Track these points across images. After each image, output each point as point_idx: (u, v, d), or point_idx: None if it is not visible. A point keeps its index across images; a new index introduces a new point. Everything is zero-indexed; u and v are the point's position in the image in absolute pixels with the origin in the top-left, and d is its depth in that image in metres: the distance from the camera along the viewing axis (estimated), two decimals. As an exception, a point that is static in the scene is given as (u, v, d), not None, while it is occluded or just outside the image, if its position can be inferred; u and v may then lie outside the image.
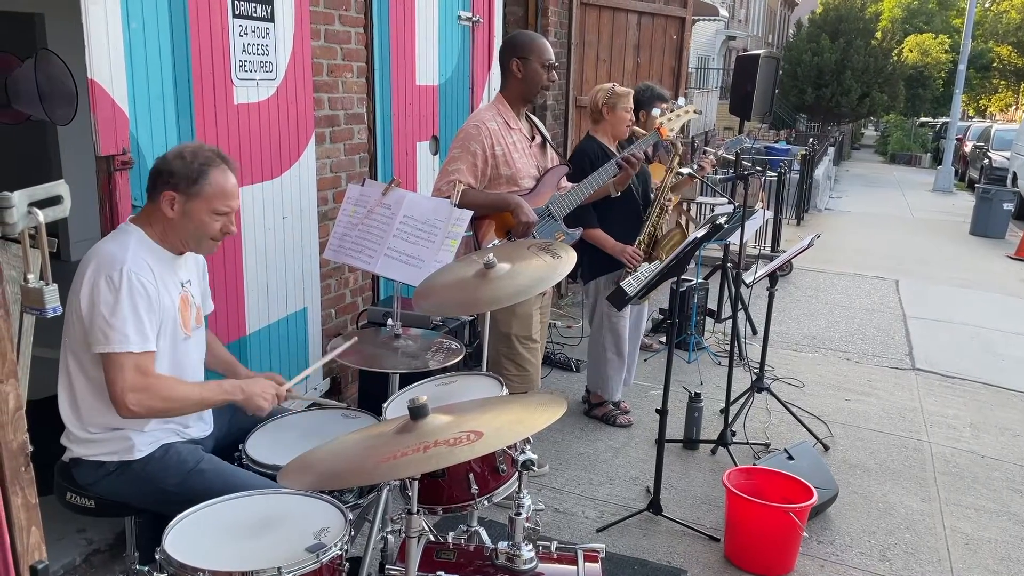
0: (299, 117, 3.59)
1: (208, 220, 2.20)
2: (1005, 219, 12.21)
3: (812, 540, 3.41)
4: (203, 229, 2.21)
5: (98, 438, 2.18)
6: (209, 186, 2.17)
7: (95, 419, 2.18)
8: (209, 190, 2.17)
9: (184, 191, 2.16)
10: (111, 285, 2.05)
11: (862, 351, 6.09)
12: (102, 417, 2.17)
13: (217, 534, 1.82)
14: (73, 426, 2.19)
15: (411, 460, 1.56)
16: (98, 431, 2.18)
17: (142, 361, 2.08)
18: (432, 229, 2.92)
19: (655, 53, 7.19)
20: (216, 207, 2.19)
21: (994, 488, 4.02)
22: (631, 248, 4.05)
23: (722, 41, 32.07)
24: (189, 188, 2.16)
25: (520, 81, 3.44)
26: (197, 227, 2.20)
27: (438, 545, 2.07)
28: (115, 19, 2.58)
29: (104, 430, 2.18)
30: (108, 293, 2.05)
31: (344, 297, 4.21)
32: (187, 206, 2.17)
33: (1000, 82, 41.87)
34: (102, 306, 2.04)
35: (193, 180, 2.15)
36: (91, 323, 2.06)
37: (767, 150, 15.45)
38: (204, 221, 2.19)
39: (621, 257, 4.05)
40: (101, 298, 2.05)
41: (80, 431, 2.18)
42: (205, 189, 2.17)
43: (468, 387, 2.64)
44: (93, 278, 2.07)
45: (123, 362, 2.05)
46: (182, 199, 2.16)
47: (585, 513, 3.57)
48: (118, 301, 2.05)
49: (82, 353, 2.13)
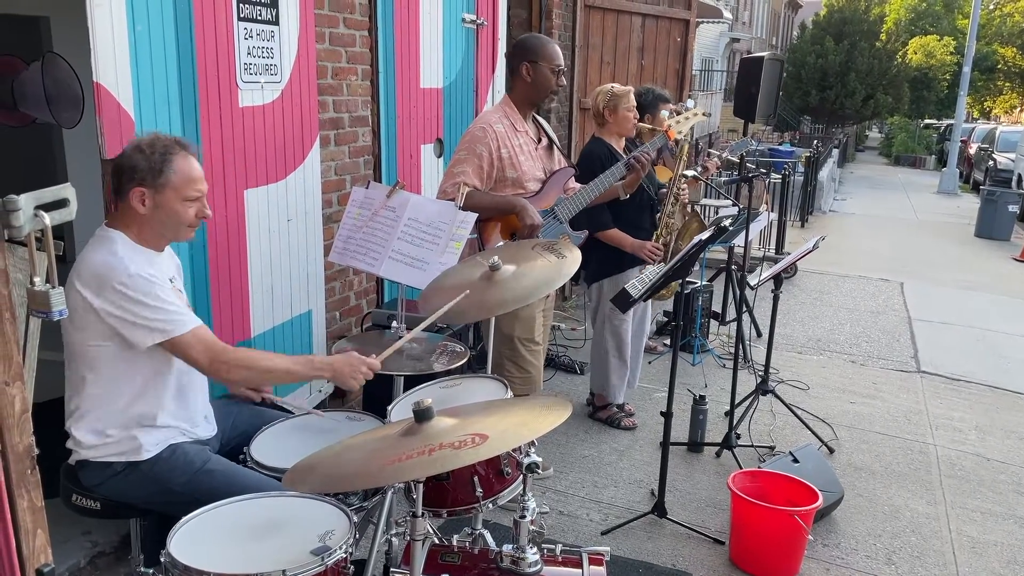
0: (304, 120, 3.59)
1: (181, 208, 2.18)
2: (1010, 221, 12.18)
3: (817, 543, 3.40)
4: (178, 218, 2.19)
5: (106, 440, 2.19)
6: (175, 174, 2.14)
7: (104, 423, 2.17)
8: (175, 178, 2.15)
9: (151, 184, 2.13)
10: (125, 292, 2.05)
11: (867, 353, 6.08)
12: (111, 421, 2.17)
13: (222, 537, 1.82)
14: (79, 432, 2.18)
15: (416, 463, 1.56)
16: (106, 434, 2.18)
17: (201, 334, 2.14)
18: (437, 232, 2.92)
19: (659, 55, 7.19)
20: (186, 193, 2.17)
21: (1000, 491, 4.01)
22: (650, 244, 4.05)
23: (726, 43, 32.06)
24: (155, 180, 2.13)
25: (529, 85, 3.44)
26: (171, 217, 2.18)
27: (443, 548, 2.07)
28: (120, 22, 2.59)
29: (113, 432, 2.18)
30: (125, 301, 2.05)
31: (348, 300, 4.21)
32: (157, 199, 2.15)
33: (1005, 84, 41.76)
34: (132, 309, 2.05)
35: (158, 171, 2.13)
36: (125, 330, 2.08)
37: (771, 152, 15.45)
38: (177, 210, 2.18)
39: (640, 253, 4.05)
40: (124, 307, 2.05)
41: (87, 436, 2.18)
42: (171, 178, 2.14)
43: (472, 390, 2.64)
44: (100, 292, 2.05)
45: (188, 341, 2.12)
46: (151, 192, 2.14)
47: (590, 516, 3.56)
48: (141, 299, 2.06)
49: (88, 358, 2.13)
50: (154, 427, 2.22)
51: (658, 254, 4.04)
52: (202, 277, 3.10)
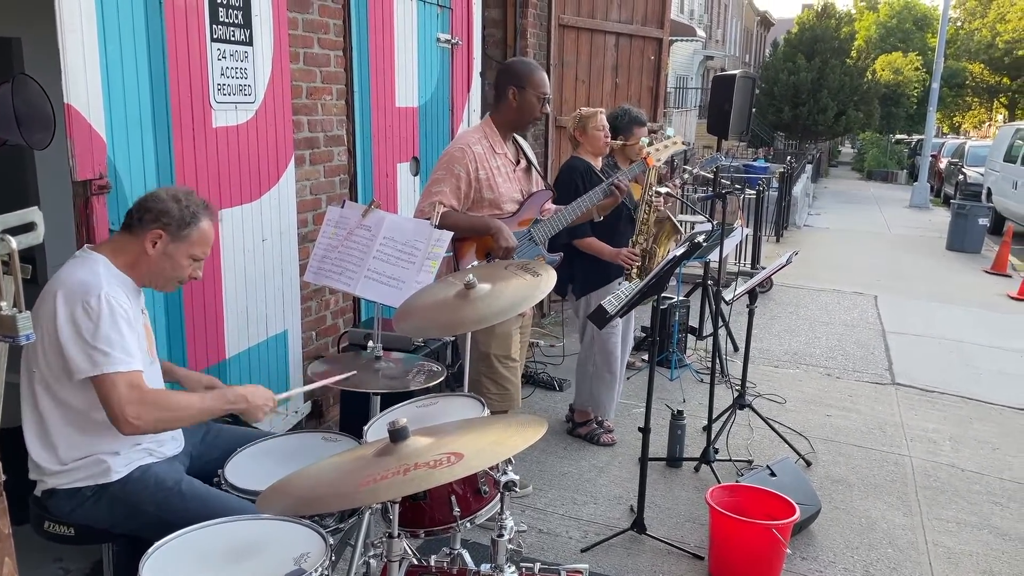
0: (278, 140, 3.59)
1: (184, 264, 2.27)
2: (981, 234, 12.36)
3: (795, 556, 3.41)
4: (177, 271, 2.28)
5: (72, 467, 2.16)
6: (196, 232, 2.25)
7: (69, 450, 2.15)
8: (195, 236, 2.25)
9: (173, 233, 2.22)
10: (89, 312, 2.04)
11: (842, 366, 6.14)
12: (77, 447, 2.15)
13: (195, 561, 1.79)
14: (43, 460, 2.16)
15: (391, 483, 1.56)
16: (72, 461, 2.16)
17: (133, 378, 2.09)
18: (412, 250, 2.92)
19: (633, 73, 7.26)
20: (195, 252, 2.28)
21: (974, 501, 4.05)
22: (626, 250, 4.10)
23: (700, 61, 32.43)
24: (179, 231, 2.22)
25: (514, 110, 3.46)
26: (172, 268, 2.26)
27: (420, 568, 2.06)
28: (92, 44, 2.58)
29: (78, 458, 2.16)
30: (87, 320, 2.04)
31: (325, 319, 4.19)
32: (170, 248, 2.23)
33: (973, 99, 42.59)
34: (84, 333, 2.04)
35: (185, 224, 2.23)
36: (72, 352, 2.04)
37: (746, 168, 15.60)
38: (181, 264, 2.27)
39: (617, 260, 4.10)
40: (81, 326, 2.04)
41: (52, 463, 2.16)
42: (192, 235, 2.25)
43: (449, 408, 2.63)
44: (68, 308, 2.06)
45: (115, 381, 2.05)
46: (168, 240, 2.22)
47: (569, 533, 3.56)
48: (99, 326, 2.04)
49: (56, 383, 2.11)
50: (120, 449, 2.19)
51: (635, 259, 4.07)
52: (175, 298, 3.08)
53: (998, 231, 13.36)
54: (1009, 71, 37.14)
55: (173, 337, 3.08)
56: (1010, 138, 14.68)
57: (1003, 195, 14.26)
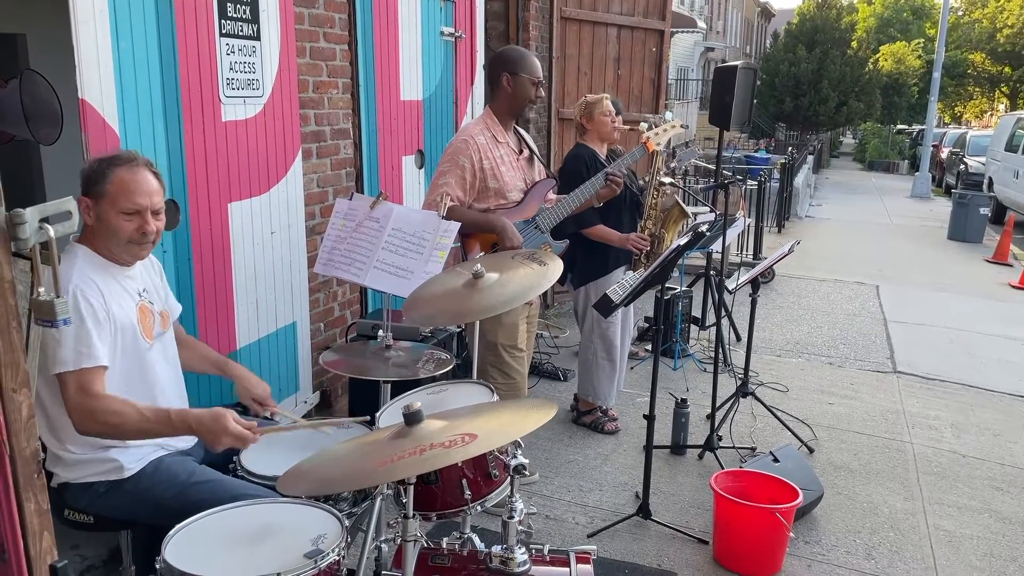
0: (286, 133, 3.63)
1: (117, 222, 2.11)
2: (982, 223, 12.38)
3: (799, 540, 3.46)
4: (119, 232, 2.12)
5: (83, 459, 2.17)
6: (111, 184, 2.09)
7: (73, 438, 2.15)
8: (111, 188, 2.09)
9: (93, 194, 2.10)
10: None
11: (844, 355, 6.18)
12: (81, 439, 2.14)
13: (215, 543, 1.84)
14: (54, 447, 2.17)
15: (408, 463, 1.61)
16: (80, 451, 2.17)
17: (83, 379, 2.02)
18: (421, 241, 2.97)
19: (635, 65, 7.29)
20: (122, 206, 2.10)
21: (975, 486, 4.10)
22: (634, 235, 4.15)
23: (701, 52, 32.38)
24: (94, 189, 2.09)
25: (509, 96, 3.51)
26: (110, 231, 2.12)
27: (432, 551, 2.11)
28: (104, 39, 2.63)
29: (87, 450, 2.17)
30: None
31: (333, 311, 4.24)
32: (98, 210, 2.11)
33: (975, 89, 42.50)
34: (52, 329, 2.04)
35: (95, 181, 2.09)
36: (45, 347, 2.02)
37: (747, 159, 15.61)
38: (117, 224, 2.11)
39: (626, 245, 4.15)
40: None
41: (62, 451, 2.17)
42: (107, 188, 2.09)
43: (459, 394, 2.68)
44: None
45: (66, 381, 2.02)
46: (92, 203, 2.11)
47: (575, 519, 3.61)
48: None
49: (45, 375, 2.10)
50: (129, 444, 2.19)
51: (644, 243, 4.12)
52: (187, 290, 3.13)
53: (999, 220, 13.39)
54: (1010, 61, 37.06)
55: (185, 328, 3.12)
56: (1011, 128, 14.67)
57: (1004, 184, 14.27)
